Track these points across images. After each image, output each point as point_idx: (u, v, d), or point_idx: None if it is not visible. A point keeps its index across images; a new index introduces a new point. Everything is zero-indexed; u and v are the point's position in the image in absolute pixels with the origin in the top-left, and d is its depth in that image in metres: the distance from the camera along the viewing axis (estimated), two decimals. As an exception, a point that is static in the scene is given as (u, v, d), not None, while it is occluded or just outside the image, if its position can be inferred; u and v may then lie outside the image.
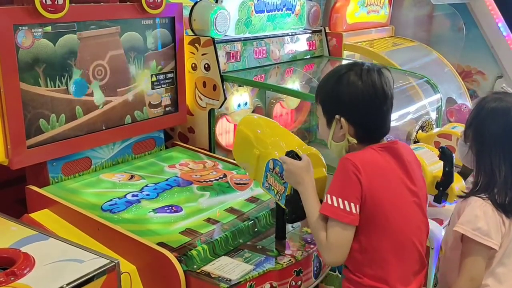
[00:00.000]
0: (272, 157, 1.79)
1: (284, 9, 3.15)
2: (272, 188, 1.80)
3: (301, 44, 3.34)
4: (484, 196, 1.64)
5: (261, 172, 1.86)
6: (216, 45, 2.69)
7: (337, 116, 1.56)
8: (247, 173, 2.16)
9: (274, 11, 3.08)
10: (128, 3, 2.39)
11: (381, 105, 1.55)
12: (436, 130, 3.00)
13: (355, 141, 1.57)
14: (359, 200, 1.48)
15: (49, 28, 2.07)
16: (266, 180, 1.83)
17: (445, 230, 1.87)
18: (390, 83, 1.58)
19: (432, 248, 2.14)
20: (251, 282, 1.72)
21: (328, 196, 1.50)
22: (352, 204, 1.47)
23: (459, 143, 1.81)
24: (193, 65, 2.76)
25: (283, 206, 1.78)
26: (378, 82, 1.54)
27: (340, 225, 1.48)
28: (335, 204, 1.48)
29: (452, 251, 1.74)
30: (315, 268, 1.93)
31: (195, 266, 1.76)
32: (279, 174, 1.76)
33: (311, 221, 1.56)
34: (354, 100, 1.53)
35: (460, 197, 1.73)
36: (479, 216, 1.61)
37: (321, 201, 1.58)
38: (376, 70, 1.56)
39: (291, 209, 1.72)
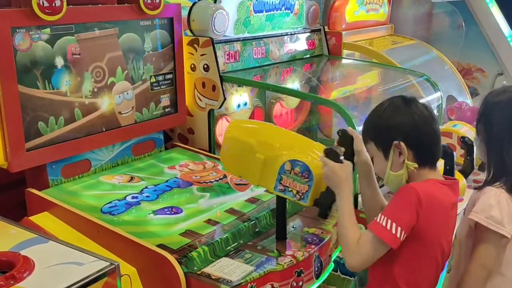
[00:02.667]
0: (288, 158, 1.78)
1: (283, 8, 3.15)
2: (290, 189, 1.80)
3: (300, 44, 3.33)
4: (498, 185, 1.73)
5: (268, 176, 1.84)
6: (215, 45, 2.68)
7: (395, 142, 1.58)
8: (246, 180, 2.14)
9: (273, 11, 3.07)
10: (126, 4, 2.39)
11: (432, 124, 1.60)
12: (436, 128, 2.99)
13: (415, 165, 1.58)
14: (409, 229, 1.50)
15: (46, 30, 2.06)
16: (281, 183, 1.82)
17: (460, 219, 1.95)
18: (432, 109, 1.65)
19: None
20: (252, 283, 1.71)
21: (383, 217, 1.52)
22: (402, 231, 1.49)
23: (475, 139, 1.93)
24: (192, 65, 2.75)
25: (306, 204, 1.79)
26: (422, 106, 1.61)
27: (380, 242, 1.51)
28: (388, 227, 1.49)
29: (467, 239, 1.82)
30: (316, 269, 1.93)
31: (195, 268, 1.75)
32: (300, 174, 1.76)
33: (344, 222, 1.58)
34: (409, 121, 1.58)
35: (475, 188, 1.83)
36: (492, 205, 1.69)
37: None
38: (417, 100, 1.63)
39: (325, 207, 1.74)
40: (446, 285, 1.98)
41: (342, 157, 1.70)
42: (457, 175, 2.30)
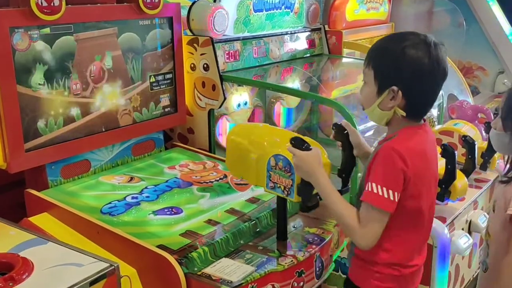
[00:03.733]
0: (272, 154, 1.77)
1: (283, 7, 3.14)
2: (278, 185, 1.78)
3: (300, 43, 3.32)
4: None
5: (262, 174, 1.84)
6: (215, 44, 2.67)
7: (394, 88, 1.51)
8: (248, 182, 2.13)
9: (273, 10, 3.06)
10: (125, 3, 2.38)
11: (438, 83, 1.55)
12: (437, 127, 2.99)
13: (403, 113, 1.54)
14: (401, 188, 1.49)
15: (45, 30, 2.05)
16: (270, 180, 1.80)
17: (490, 216, 2.01)
18: (447, 61, 1.57)
19: (435, 247, 2.13)
20: (253, 283, 1.70)
21: (374, 184, 1.48)
22: (396, 193, 1.48)
23: (495, 134, 1.90)
24: (192, 65, 2.74)
25: (293, 200, 1.75)
26: (442, 59, 1.52)
27: (380, 212, 1.49)
28: (380, 193, 1.47)
29: (501, 233, 1.84)
30: (317, 269, 1.92)
31: (195, 269, 1.74)
32: (283, 169, 1.74)
33: (335, 209, 1.55)
34: (418, 75, 1.50)
35: (502, 182, 1.84)
36: None
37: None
38: (442, 46, 1.53)
39: (305, 197, 1.70)
40: (483, 284, 2.00)
41: (308, 145, 1.64)
42: (459, 174, 2.29)
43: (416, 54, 1.49)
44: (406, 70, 1.50)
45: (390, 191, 1.47)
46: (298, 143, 1.63)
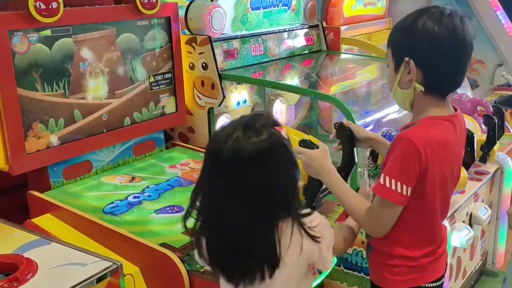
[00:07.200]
0: None
1: (280, 5, 3.14)
2: None
3: (298, 40, 3.33)
4: None
5: None
6: (213, 43, 2.68)
7: (406, 59, 1.47)
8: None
9: (270, 8, 3.07)
10: (123, 4, 2.38)
11: (458, 52, 1.47)
12: (437, 121, 2.98)
13: (422, 88, 1.48)
14: (414, 183, 1.44)
15: (44, 33, 2.06)
16: None
17: None
18: (473, 33, 1.49)
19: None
20: (255, 279, 1.71)
21: (387, 178, 1.44)
22: (409, 188, 1.43)
23: None
24: (191, 64, 2.75)
25: None
26: (460, 27, 1.45)
27: (390, 204, 1.46)
28: (393, 187, 1.43)
29: None
30: (319, 264, 1.92)
31: (198, 266, 1.75)
32: None
33: (347, 202, 1.55)
34: (428, 42, 1.44)
35: None
36: None
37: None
38: (460, 16, 1.47)
39: (311, 197, 1.70)
40: None
41: (316, 146, 1.64)
42: (459, 167, 2.29)
43: (426, 23, 1.45)
44: (416, 39, 1.46)
45: (404, 186, 1.43)
46: (307, 145, 1.63)
